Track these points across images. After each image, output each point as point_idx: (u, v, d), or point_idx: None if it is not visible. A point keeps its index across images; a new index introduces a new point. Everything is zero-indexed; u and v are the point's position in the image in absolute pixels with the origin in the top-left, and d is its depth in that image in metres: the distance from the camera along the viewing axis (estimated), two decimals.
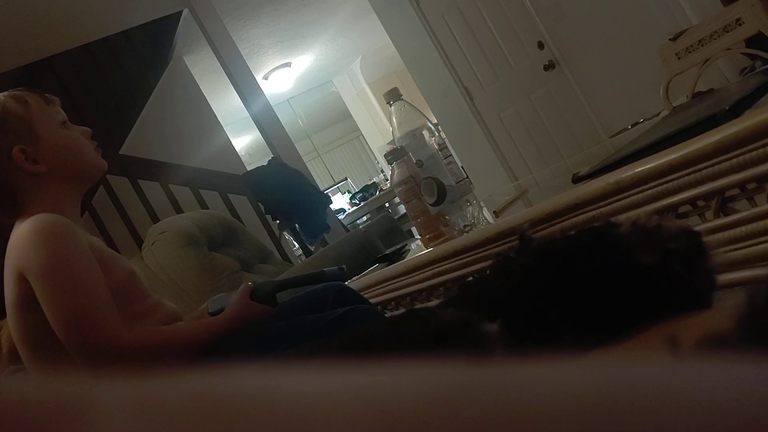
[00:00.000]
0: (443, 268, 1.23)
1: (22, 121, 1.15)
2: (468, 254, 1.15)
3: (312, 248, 4.10)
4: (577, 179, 1.02)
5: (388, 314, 1.45)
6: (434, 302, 1.33)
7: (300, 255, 4.94)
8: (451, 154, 1.36)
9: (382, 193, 7.72)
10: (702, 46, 2.59)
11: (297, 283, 1.26)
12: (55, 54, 4.20)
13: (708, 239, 0.79)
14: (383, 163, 8.60)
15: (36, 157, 1.15)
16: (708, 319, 0.39)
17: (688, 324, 0.38)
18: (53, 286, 0.99)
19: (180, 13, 4.40)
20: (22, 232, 1.04)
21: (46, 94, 1.22)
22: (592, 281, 0.41)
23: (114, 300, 1.03)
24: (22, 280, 1.02)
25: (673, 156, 0.79)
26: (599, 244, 0.43)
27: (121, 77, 4.65)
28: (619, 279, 0.42)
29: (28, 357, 1.09)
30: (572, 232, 0.44)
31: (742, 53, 2.59)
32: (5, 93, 1.17)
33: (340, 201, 8.16)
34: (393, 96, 1.34)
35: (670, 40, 2.65)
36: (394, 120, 1.36)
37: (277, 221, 4.02)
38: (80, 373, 0.15)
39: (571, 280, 0.41)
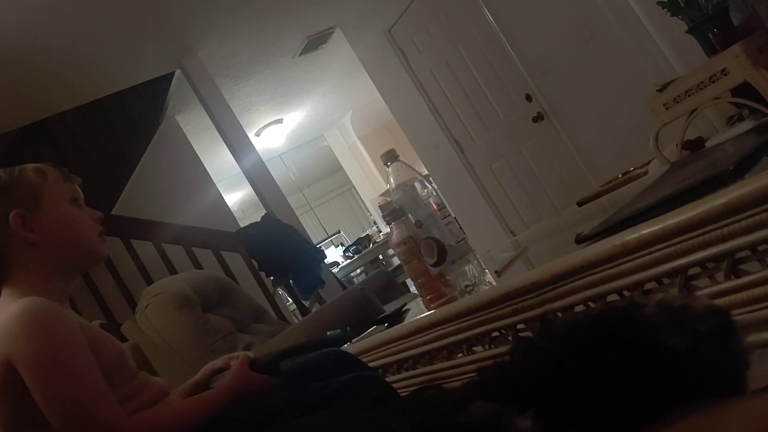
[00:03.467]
0: (447, 330, 1.21)
1: (32, 189, 1.16)
2: (473, 316, 1.13)
3: (306, 303, 4.05)
4: (580, 239, 1.01)
5: (389, 378, 1.41)
6: (437, 366, 1.29)
7: (294, 310, 4.88)
8: (450, 214, 1.35)
9: (375, 245, 7.70)
10: (689, 96, 2.64)
11: (299, 351, 1.23)
12: (49, 116, 4.23)
13: (720, 302, 0.78)
14: (376, 215, 8.62)
15: (32, 225, 1.14)
16: (749, 408, 0.37)
17: (729, 414, 0.36)
18: (48, 378, 0.97)
19: (172, 73, 4.46)
20: (9, 316, 1.01)
21: (71, 174, 1.24)
22: (621, 368, 0.39)
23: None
24: (7, 367, 0.99)
25: (680, 218, 0.78)
26: (625, 326, 0.41)
27: (114, 137, 4.67)
28: (649, 365, 0.40)
29: None
30: (595, 311, 0.42)
31: (730, 102, 2.64)
32: (32, 164, 1.20)
33: (333, 254, 8.13)
34: (390, 157, 1.34)
35: (657, 90, 2.69)
36: (392, 180, 1.35)
37: (271, 278, 3.97)
38: None
39: (600, 368, 0.39)
